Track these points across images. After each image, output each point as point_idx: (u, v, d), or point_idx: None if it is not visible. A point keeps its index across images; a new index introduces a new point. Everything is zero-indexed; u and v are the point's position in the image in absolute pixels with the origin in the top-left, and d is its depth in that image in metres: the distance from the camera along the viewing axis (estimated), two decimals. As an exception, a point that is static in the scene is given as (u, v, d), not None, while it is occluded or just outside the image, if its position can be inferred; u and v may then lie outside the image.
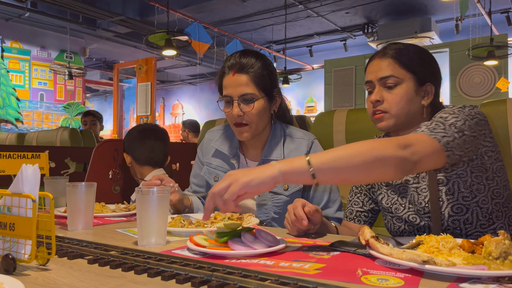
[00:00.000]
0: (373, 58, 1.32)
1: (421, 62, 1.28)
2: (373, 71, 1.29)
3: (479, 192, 1.19)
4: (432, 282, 0.74)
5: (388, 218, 1.34)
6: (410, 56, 1.27)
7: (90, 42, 8.90)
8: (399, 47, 1.29)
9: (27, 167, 0.83)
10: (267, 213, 1.52)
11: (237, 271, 0.77)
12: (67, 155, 3.02)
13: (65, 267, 0.85)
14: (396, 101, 1.24)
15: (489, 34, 5.61)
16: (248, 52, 1.54)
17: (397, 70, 1.25)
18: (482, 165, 1.19)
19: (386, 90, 1.26)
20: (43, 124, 8.23)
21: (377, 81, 1.28)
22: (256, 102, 1.46)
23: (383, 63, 1.27)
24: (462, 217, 1.20)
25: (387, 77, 1.25)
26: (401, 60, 1.26)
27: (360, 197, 1.44)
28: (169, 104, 13.06)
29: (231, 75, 1.48)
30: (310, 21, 7.97)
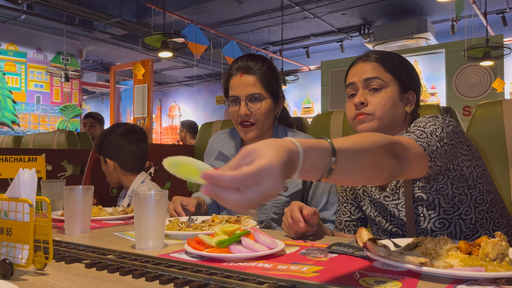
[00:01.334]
0: (356, 62, 1.30)
1: (405, 69, 1.27)
2: (357, 74, 1.26)
3: (461, 203, 1.17)
4: (430, 284, 0.75)
5: (374, 230, 1.33)
6: (394, 61, 1.26)
7: (86, 44, 8.88)
8: (383, 53, 1.29)
9: (24, 172, 0.83)
10: (266, 213, 1.53)
11: (235, 274, 0.77)
12: (64, 157, 3.01)
13: (62, 271, 0.85)
14: (381, 104, 1.22)
15: (485, 34, 5.63)
16: (254, 55, 1.59)
17: (382, 73, 1.24)
18: (461, 176, 1.16)
19: (370, 93, 1.23)
20: (39, 127, 8.20)
21: (361, 82, 1.24)
22: (264, 102, 1.51)
23: (368, 65, 1.25)
24: (445, 231, 1.18)
25: (372, 79, 1.23)
26: (386, 64, 1.25)
27: (347, 207, 1.41)
28: (166, 106, 13.04)
29: (238, 76, 1.53)
30: (306, 22, 7.98)
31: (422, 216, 1.18)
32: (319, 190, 1.54)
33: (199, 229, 1.23)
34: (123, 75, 11.00)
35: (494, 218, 1.21)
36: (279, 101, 1.60)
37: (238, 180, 0.59)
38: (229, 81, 1.55)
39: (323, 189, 1.54)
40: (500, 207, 1.23)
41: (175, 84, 12.53)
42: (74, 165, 3.05)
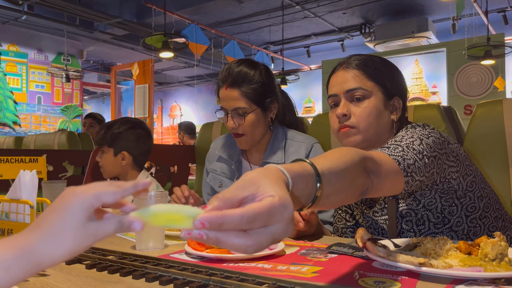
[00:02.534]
0: (336, 69, 1.22)
1: (389, 74, 1.19)
2: (338, 83, 1.19)
3: (451, 215, 1.12)
4: (429, 284, 0.75)
5: None
6: (377, 67, 1.18)
7: (87, 45, 8.90)
8: (365, 58, 1.20)
9: (24, 173, 0.83)
10: None
11: (234, 275, 0.77)
12: (65, 158, 3.02)
13: (63, 272, 0.85)
14: (364, 115, 1.14)
15: (486, 33, 5.62)
16: (242, 62, 1.53)
17: (365, 82, 1.16)
18: (449, 188, 1.10)
19: (353, 103, 1.16)
20: (40, 127, 8.22)
21: (343, 94, 1.17)
22: (248, 116, 1.49)
23: (349, 74, 1.17)
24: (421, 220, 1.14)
25: (354, 90, 1.15)
26: (368, 72, 1.16)
27: (342, 214, 1.37)
28: (167, 106, 13.06)
29: (224, 89, 1.51)
30: (307, 22, 7.99)
31: (412, 232, 1.15)
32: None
33: (199, 229, 1.23)
34: (124, 75, 11.01)
35: (488, 224, 1.17)
36: (269, 107, 1.55)
37: (247, 219, 0.48)
38: (219, 91, 1.55)
39: None
40: (494, 209, 1.19)
41: (176, 84, 12.54)
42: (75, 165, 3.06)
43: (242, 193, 0.52)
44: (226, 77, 1.50)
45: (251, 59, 1.61)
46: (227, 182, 1.63)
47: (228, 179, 1.63)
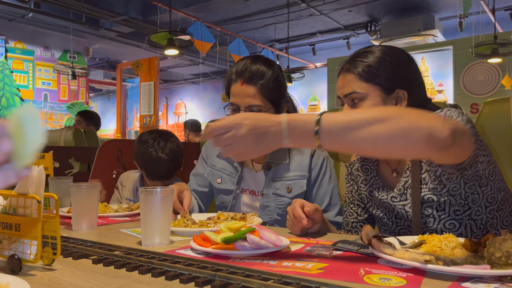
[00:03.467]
0: (340, 73, 1.28)
1: (385, 70, 1.20)
2: (339, 87, 1.27)
3: (473, 203, 1.14)
4: (434, 281, 0.75)
5: (382, 231, 1.31)
6: (371, 66, 1.20)
7: (93, 42, 8.93)
8: (362, 59, 1.22)
9: (32, 168, 0.84)
10: (270, 214, 1.52)
11: (240, 271, 0.77)
12: (71, 155, 3.04)
13: (70, 267, 0.86)
14: None
15: (493, 31, 5.58)
16: (258, 59, 1.50)
17: (359, 84, 1.20)
18: (475, 173, 1.12)
19: (353, 105, 1.22)
20: (47, 124, 8.26)
21: (343, 97, 1.24)
22: None
23: (345, 79, 1.23)
24: (455, 232, 1.16)
25: (349, 94, 1.21)
26: (361, 74, 1.20)
27: (353, 208, 1.40)
28: (172, 104, 13.08)
29: (239, 84, 1.45)
30: (312, 20, 7.96)
31: (432, 217, 1.16)
32: (321, 191, 1.53)
33: (204, 226, 1.24)
34: (130, 73, 11.04)
35: (503, 217, 1.19)
36: (281, 108, 1.53)
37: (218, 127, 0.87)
38: (230, 85, 1.49)
39: (326, 191, 1.53)
40: (509, 204, 1.21)
41: (181, 82, 12.56)
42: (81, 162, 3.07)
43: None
44: (242, 72, 1.45)
45: (266, 57, 1.56)
46: (227, 178, 1.60)
47: (228, 176, 1.60)
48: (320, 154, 1.55)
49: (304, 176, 1.52)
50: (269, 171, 1.54)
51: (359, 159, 1.37)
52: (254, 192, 1.58)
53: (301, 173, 1.52)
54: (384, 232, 1.30)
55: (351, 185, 1.41)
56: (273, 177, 1.53)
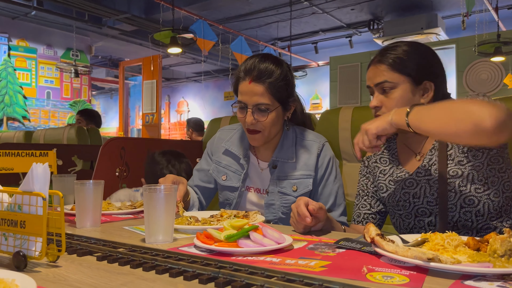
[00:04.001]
0: (370, 64, 1.36)
1: (415, 62, 1.29)
2: (370, 77, 1.34)
3: (492, 184, 1.21)
4: (437, 279, 0.75)
5: (397, 216, 1.35)
6: (402, 58, 1.29)
7: (95, 40, 8.95)
8: (392, 51, 1.31)
9: (37, 166, 0.84)
10: (274, 213, 1.53)
11: (243, 268, 0.77)
12: (74, 153, 3.05)
13: (74, 263, 0.87)
14: (393, 105, 1.27)
15: (496, 30, 5.56)
16: (267, 57, 1.49)
17: (391, 74, 1.28)
18: (498, 154, 1.22)
19: (384, 94, 1.30)
20: (49, 122, 8.29)
21: (374, 87, 1.32)
22: (271, 113, 1.45)
23: (377, 69, 1.31)
24: (474, 208, 1.22)
25: (381, 83, 1.29)
26: (393, 65, 1.29)
27: (367, 200, 1.44)
28: (175, 102, 13.09)
29: (247, 82, 1.44)
30: (315, 18, 7.95)
31: (453, 192, 1.22)
32: (326, 190, 1.54)
33: (207, 223, 1.24)
34: (132, 71, 11.06)
35: None
36: (289, 106, 1.53)
37: None
38: (238, 83, 1.48)
39: (331, 190, 1.54)
40: None
41: (184, 80, 12.57)
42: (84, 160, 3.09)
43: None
44: (250, 70, 1.44)
45: (275, 55, 1.56)
46: (232, 175, 1.59)
47: (233, 173, 1.60)
48: (326, 154, 1.55)
49: (310, 175, 1.52)
50: (275, 169, 1.54)
51: (377, 152, 1.44)
52: (259, 190, 1.58)
53: (307, 172, 1.52)
54: (400, 216, 1.34)
55: (367, 178, 1.46)
56: (279, 175, 1.53)
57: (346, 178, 1.91)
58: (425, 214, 1.27)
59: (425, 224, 1.28)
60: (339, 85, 7.29)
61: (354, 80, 7.19)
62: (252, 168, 1.59)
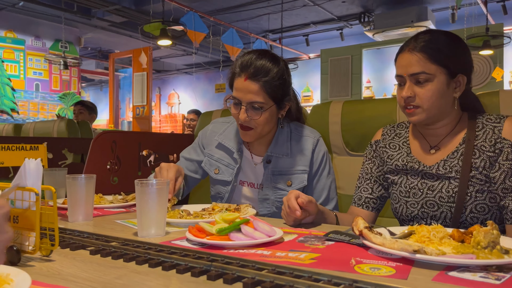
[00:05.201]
0: (403, 50, 1.28)
1: (453, 54, 1.25)
2: (403, 66, 1.27)
3: (504, 193, 1.21)
4: (422, 270, 0.78)
5: (402, 202, 1.34)
6: (441, 49, 1.24)
7: (85, 32, 8.84)
8: (430, 39, 1.25)
9: (29, 161, 0.85)
10: (268, 207, 1.54)
11: (235, 261, 0.79)
12: (64, 146, 3.04)
13: (68, 258, 0.88)
14: (427, 96, 1.23)
15: (485, 23, 5.61)
16: (265, 54, 1.47)
17: (428, 65, 1.23)
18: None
19: (418, 85, 1.25)
20: (38, 114, 8.20)
21: (408, 76, 1.26)
22: (265, 112, 1.44)
23: (414, 58, 1.24)
24: (482, 216, 1.24)
25: (418, 74, 1.23)
26: (432, 55, 1.23)
27: (370, 184, 1.44)
28: (165, 94, 13.02)
29: (242, 79, 1.42)
30: (306, 10, 7.94)
31: (469, 195, 1.23)
32: (320, 185, 1.55)
33: (199, 217, 1.26)
34: (122, 63, 10.96)
35: None
36: (284, 105, 1.52)
37: None
38: (234, 79, 1.47)
39: (324, 185, 1.55)
40: None
41: (174, 72, 12.50)
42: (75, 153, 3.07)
43: None
44: (246, 67, 1.42)
45: (273, 52, 1.53)
46: (224, 169, 1.60)
47: (225, 167, 1.60)
48: (321, 149, 1.56)
49: (305, 170, 1.53)
50: (269, 164, 1.55)
51: (386, 138, 1.43)
52: (252, 185, 1.59)
53: (302, 167, 1.53)
54: (406, 203, 1.34)
55: (372, 162, 1.45)
56: (274, 170, 1.54)
57: (336, 171, 1.94)
58: (432, 207, 1.28)
59: (428, 217, 1.29)
60: (330, 77, 7.31)
61: (344, 73, 7.21)
62: (245, 162, 1.60)
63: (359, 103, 2.00)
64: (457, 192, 1.24)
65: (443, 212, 1.27)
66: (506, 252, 0.83)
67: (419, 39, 1.27)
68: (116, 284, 0.71)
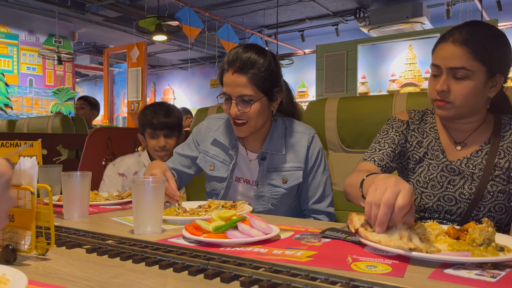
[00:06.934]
0: (446, 39, 1.20)
1: (497, 53, 1.19)
2: (444, 57, 1.19)
3: None
4: (419, 268, 0.78)
5: (417, 192, 1.32)
6: (487, 46, 1.17)
7: (79, 26, 8.77)
8: (476, 34, 1.18)
9: (25, 160, 0.84)
10: (264, 204, 1.54)
11: (231, 259, 0.79)
12: (59, 142, 3.02)
13: (64, 256, 0.87)
14: (463, 93, 1.18)
15: (480, 19, 5.62)
16: (250, 47, 1.47)
17: (471, 62, 1.16)
18: None
19: (454, 80, 1.18)
20: (32, 110, 8.15)
21: (446, 69, 1.19)
22: (254, 104, 1.44)
23: (457, 51, 1.17)
24: (498, 216, 1.24)
25: (458, 68, 1.17)
26: (477, 51, 1.16)
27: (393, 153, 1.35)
28: (160, 89, 12.97)
29: (230, 74, 1.43)
30: (301, 6, 7.92)
31: (490, 194, 1.22)
32: (315, 182, 1.55)
33: (195, 214, 1.26)
34: (117, 58, 10.90)
35: None
36: (275, 97, 1.52)
37: None
38: (223, 75, 1.48)
39: (319, 181, 1.55)
40: None
41: (169, 67, 12.44)
42: (69, 149, 3.06)
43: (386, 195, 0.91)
44: (233, 61, 1.43)
45: (259, 45, 1.54)
46: (220, 166, 1.59)
47: (221, 163, 1.59)
48: (316, 146, 1.56)
49: (300, 167, 1.53)
50: (264, 161, 1.54)
51: (414, 121, 1.37)
52: (248, 181, 1.59)
53: (297, 164, 1.53)
54: (421, 194, 1.31)
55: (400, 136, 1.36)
56: (269, 167, 1.54)
57: (332, 167, 1.94)
58: (450, 202, 1.27)
59: (442, 211, 1.28)
60: (325, 73, 7.30)
61: (340, 69, 7.20)
62: (240, 159, 1.60)
63: (355, 100, 2.01)
64: (476, 190, 1.23)
65: (459, 208, 1.26)
66: (501, 249, 0.83)
67: (464, 31, 1.19)
68: (112, 283, 0.71)
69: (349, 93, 6.92)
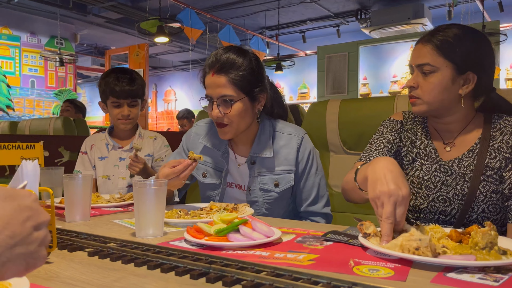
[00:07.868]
0: (418, 41, 1.30)
1: (463, 49, 1.23)
2: (414, 56, 1.29)
3: None
4: (421, 272, 0.78)
5: (412, 193, 1.33)
6: (454, 43, 1.23)
7: (80, 28, 8.78)
8: (444, 33, 1.25)
9: (27, 163, 0.84)
10: (258, 209, 1.53)
11: (234, 263, 0.79)
12: (61, 144, 3.02)
13: (66, 259, 0.87)
14: (429, 89, 1.24)
15: (481, 20, 5.62)
16: (230, 49, 1.47)
17: (435, 58, 1.23)
18: None
19: (423, 76, 1.25)
20: (34, 111, 8.16)
21: (415, 66, 1.27)
22: (235, 104, 1.43)
23: (423, 49, 1.25)
24: (493, 216, 1.24)
25: (423, 65, 1.24)
26: (442, 48, 1.22)
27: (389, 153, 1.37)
28: (162, 91, 12.98)
29: (210, 75, 1.44)
30: (303, 7, 7.92)
31: (483, 194, 1.23)
32: (309, 183, 1.54)
33: (197, 217, 1.26)
34: (118, 60, 10.90)
35: None
36: (257, 98, 1.49)
37: None
38: (204, 78, 1.48)
39: (313, 183, 1.54)
40: None
41: (171, 69, 12.46)
42: (71, 151, 3.06)
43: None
44: (213, 63, 1.43)
45: (241, 46, 1.53)
46: (212, 172, 1.57)
47: (212, 169, 1.57)
48: (306, 147, 1.54)
49: (291, 170, 1.52)
50: (254, 165, 1.52)
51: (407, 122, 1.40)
52: (240, 186, 1.57)
53: (288, 167, 1.52)
54: (416, 195, 1.33)
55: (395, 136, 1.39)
56: (260, 171, 1.52)
57: (333, 169, 1.94)
58: (444, 202, 1.28)
59: (437, 212, 1.29)
60: (326, 74, 7.30)
61: (341, 70, 7.21)
62: (231, 164, 1.57)
63: (357, 101, 2.01)
64: (469, 191, 1.24)
65: (454, 209, 1.27)
66: (504, 252, 0.83)
67: (433, 31, 1.27)
68: (114, 287, 0.71)
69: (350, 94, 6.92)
